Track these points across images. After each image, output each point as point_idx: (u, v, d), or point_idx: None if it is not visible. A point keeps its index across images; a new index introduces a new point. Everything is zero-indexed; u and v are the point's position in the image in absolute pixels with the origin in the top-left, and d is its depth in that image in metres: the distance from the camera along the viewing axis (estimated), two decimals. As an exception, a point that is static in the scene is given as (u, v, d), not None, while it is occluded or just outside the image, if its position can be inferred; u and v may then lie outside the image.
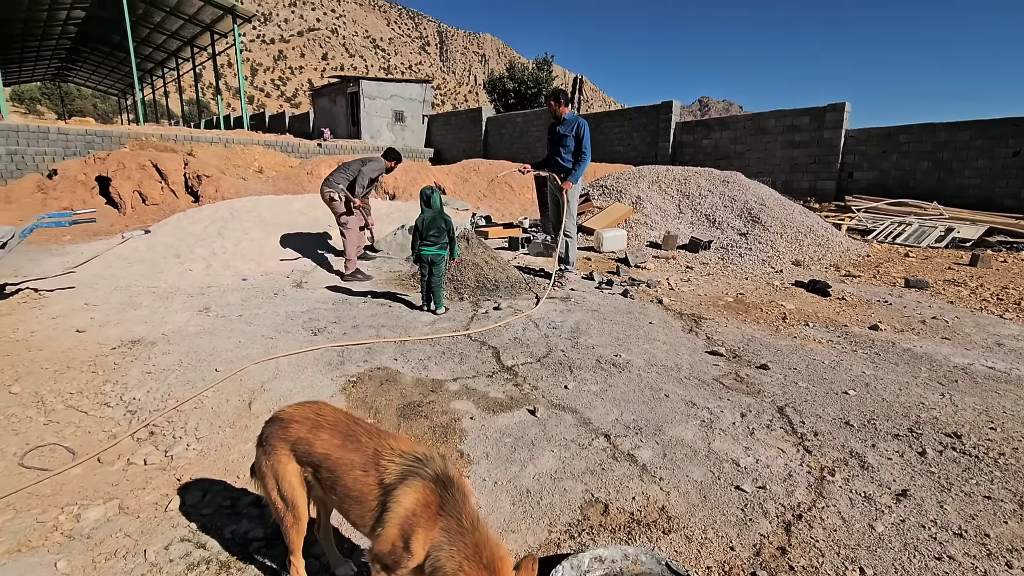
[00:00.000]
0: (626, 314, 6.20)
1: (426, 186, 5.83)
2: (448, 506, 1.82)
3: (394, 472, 1.91)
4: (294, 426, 2.13)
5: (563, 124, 7.26)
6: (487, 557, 1.74)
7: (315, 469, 2.06)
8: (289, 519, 2.12)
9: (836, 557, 2.49)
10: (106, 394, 4.02)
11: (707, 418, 3.76)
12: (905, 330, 5.96)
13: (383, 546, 1.85)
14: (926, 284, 7.91)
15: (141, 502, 2.85)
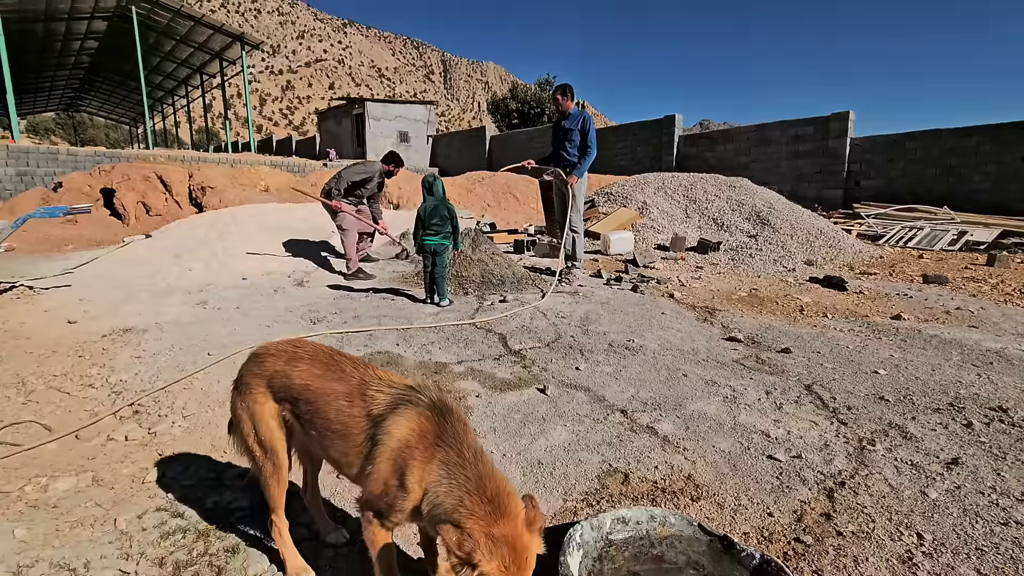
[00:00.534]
0: (637, 306, 5.97)
1: (428, 173, 5.68)
2: (446, 436, 1.57)
3: (383, 402, 1.67)
4: (269, 360, 1.89)
5: (568, 119, 7.15)
6: (491, 490, 1.48)
7: (293, 404, 1.81)
8: (269, 468, 1.87)
9: (888, 523, 2.21)
10: (91, 376, 3.81)
11: (730, 395, 3.50)
12: (930, 320, 5.69)
13: (374, 487, 1.60)
14: (945, 279, 7.65)
15: (117, 475, 2.61)
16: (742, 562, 1.82)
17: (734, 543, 1.87)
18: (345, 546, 2.11)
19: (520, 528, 1.46)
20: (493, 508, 1.46)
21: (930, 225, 12.59)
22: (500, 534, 1.42)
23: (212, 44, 33.21)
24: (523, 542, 1.45)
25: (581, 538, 1.88)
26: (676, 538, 1.96)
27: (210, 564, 1.99)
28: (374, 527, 1.64)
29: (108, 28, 33.37)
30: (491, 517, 1.44)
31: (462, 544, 1.38)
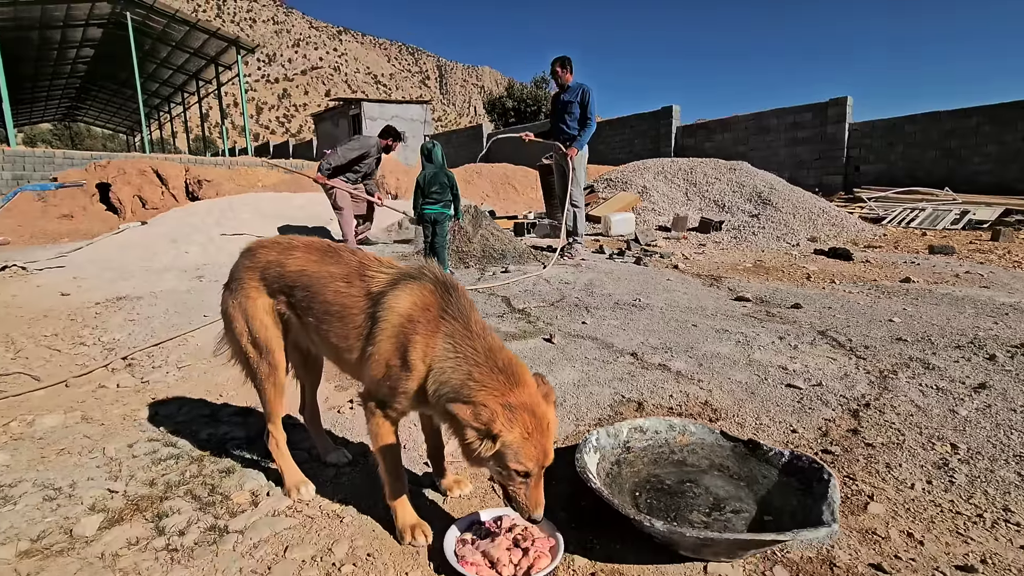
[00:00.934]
0: (641, 275, 5.87)
1: (426, 140, 5.58)
2: (451, 309, 1.46)
3: (383, 280, 1.56)
4: (262, 251, 1.78)
5: (567, 91, 6.97)
6: (503, 361, 1.39)
7: (289, 294, 1.69)
8: (264, 369, 1.75)
9: (919, 436, 2.10)
10: (83, 337, 3.69)
11: (742, 339, 3.40)
12: (939, 282, 5.59)
13: (376, 370, 1.49)
14: (952, 249, 7.56)
15: (108, 414, 2.50)
16: (770, 461, 1.71)
17: (760, 444, 1.76)
18: (347, 466, 1.99)
19: (537, 396, 1.36)
20: (506, 378, 1.36)
21: (932, 206, 12.51)
22: (517, 402, 1.33)
23: (207, 49, 33.17)
24: (542, 409, 1.35)
25: (598, 442, 1.77)
26: (697, 445, 1.85)
27: (204, 483, 1.87)
28: (377, 418, 1.53)
29: (103, 35, 33.35)
30: (505, 387, 1.35)
31: (478, 415, 1.28)
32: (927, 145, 14.88)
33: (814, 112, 16.83)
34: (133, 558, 1.48)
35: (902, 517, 1.63)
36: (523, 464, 1.33)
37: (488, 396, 1.33)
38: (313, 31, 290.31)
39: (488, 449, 1.31)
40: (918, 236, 10.39)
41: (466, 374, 1.37)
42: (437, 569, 1.44)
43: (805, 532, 1.27)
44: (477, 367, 1.37)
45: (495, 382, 1.35)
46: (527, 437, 1.31)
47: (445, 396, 1.39)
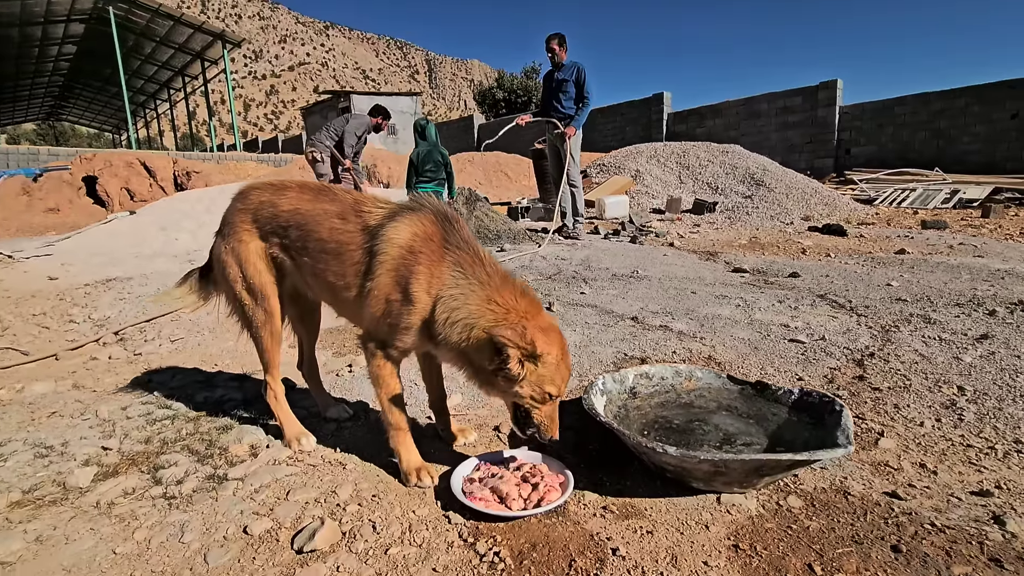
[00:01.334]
0: (637, 251, 5.85)
1: (419, 117, 5.51)
2: (456, 239, 1.42)
3: (380, 214, 1.51)
4: (254, 193, 1.71)
5: (562, 69, 6.76)
6: (521, 286, 1.38)
7: (282, 235, 1.63)
8: (260, 316, 1.69)
9: (925, 380, 2.09)
10: (72, 315, 3.62)
11: (742, 303, 3.38)
12: (933, 253, 5.60)
13: (375, 307, 1.44)
14: (945, 224, 7.60)
15: (100, 382, 2.44)
16: (779, 400, 1.68)
17: (768, 385, 1.74)
18: (348, 421, 1.95)
19: (555, 321, 1.36)
20: (529, 302, 1.37)
21: (922, 186, 12.57)
22: (547, 324, 1.35)
23: (193, 44, 32.68)
24: (562, 335, 1.36)
25: (604, 386, 1.74)
26: (704, 389, 1.82)
27: (201, 439, 1.82)
28: (378, 359, 1.49)
29: (86, 31, 32.77)
30: (533, 309, 1.36)
31: (523, 335, 1.27)
32: (917, 126, 14.94)
33: (804, 96, 16.84)
34: (129, 506, 1.43)
35: (913, 451, 1.61)
36: (557, 385, 1.36)
37: (519, 318, 1.32)
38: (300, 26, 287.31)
39: (531, 371, 1.31)
40: (910, 215, 10.44)
41: (485, 299, 1.35)
42: (445, 507, 1.40)
43: (822, 452, 1.24)
44: (497, 291, 1.35)
45: (521, 305, 1.35)
46: (562, 358, 1.34)
47: (460, 325, 1.35)
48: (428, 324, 1.40)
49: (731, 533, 1.27)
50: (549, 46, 6.72)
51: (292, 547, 1.24)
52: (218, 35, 31.60)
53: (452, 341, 1.37)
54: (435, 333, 1.39)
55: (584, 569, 1.16)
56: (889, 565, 1.15)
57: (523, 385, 1.33)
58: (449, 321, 1.36)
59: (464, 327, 1.35)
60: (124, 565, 1.20)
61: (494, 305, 1.34)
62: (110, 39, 28.88)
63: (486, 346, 1.32)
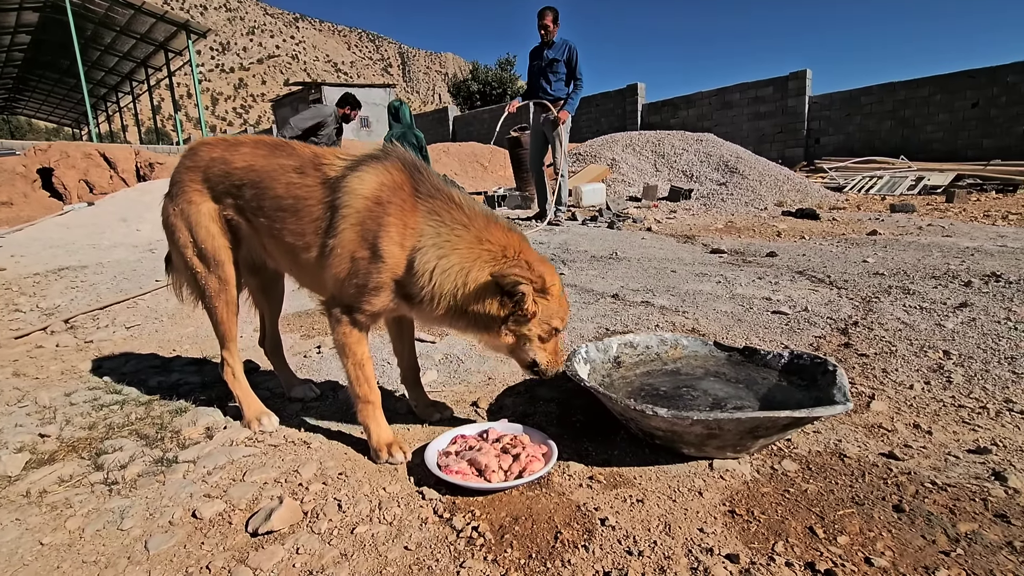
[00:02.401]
0: (615, 236, 5.79)
1: (393, 99, 5.32)
2: (426, 186, 1.30)
3: (341, 165, 1.38)
4: (204, 149, 1.56)
5: (552, 47, 6.19)
6: (506, 224, 1.31)
7: (236, 195, 1.49)
8: (214, 285, 1.55)
9: (910, 345, 2.05)
10: (18, 304, 3.38)
11: (722, 280, 3.33)
12: (904, 234, 5.68)
13: (338, 267, 1.31)
14: (913, 207, 7.75)
15: (44, 369, 2.25)
16: (768, 364, 1.61)
17: (757, 350, 1.67)
18: (314, 401, 1.82)
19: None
20: (520, 237, 1.28)
21: (889, 174, 12.86)
22: (540, 256, 1.30)
23: (155, 34, 31.46)
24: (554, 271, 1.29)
25: (587, 355, 1.65)
26: (691, 357, 1.74)
27: (152, 423, 1.67)
28: (344, 326, 1.36)
29: (41, 20, 31.30)
30: (524, 245, 1.29)
31: (532, 268, 1.22)
32: (883, 116, 15.27)
33: (775, 86, 17.06)
34: (64, 493, 1.28)
35: (906, 412, 1.56)
36: (562, 318, 1.33)
37: (518, 253, 1.26)
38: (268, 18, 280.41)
39: (544, 304, 1.27)
40: (878, 200, 10.66)
41: (475, 240, 1.25)
42: (418, 483, 1.29)
43: (821, 409, 1.17)
44: (486, 230, 1.27)
45: (515, 241, 1.28)
46: (563, 292, 1.32)
47: (455, 271, 1.24)
48: (403, 282, 1.27)
49: (726, 499, 1.19)
50: (542, 22, 6.13)
51: (247, 530, 1.12)
52: (182, 25, 30.51)
53: (443, 292, 1.24)
54: (415, 291, 1.26)
55: (571, 541, 1.06)
56: (893, 525, 1.08)
57: (533, 324, 1.29)
58: (438, 270, 1.23)
59: (458, 273, 1.24)
60: (51, 556, 1.06)
61: (487, 244, 1.25)
62: (67, 28, 27.63)
63: (489, 290, 1.23)
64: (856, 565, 0.97)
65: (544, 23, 6.08)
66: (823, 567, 0.96)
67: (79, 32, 29.35)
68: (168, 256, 1.77)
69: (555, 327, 1.32)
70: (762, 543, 1.04)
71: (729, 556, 1.00)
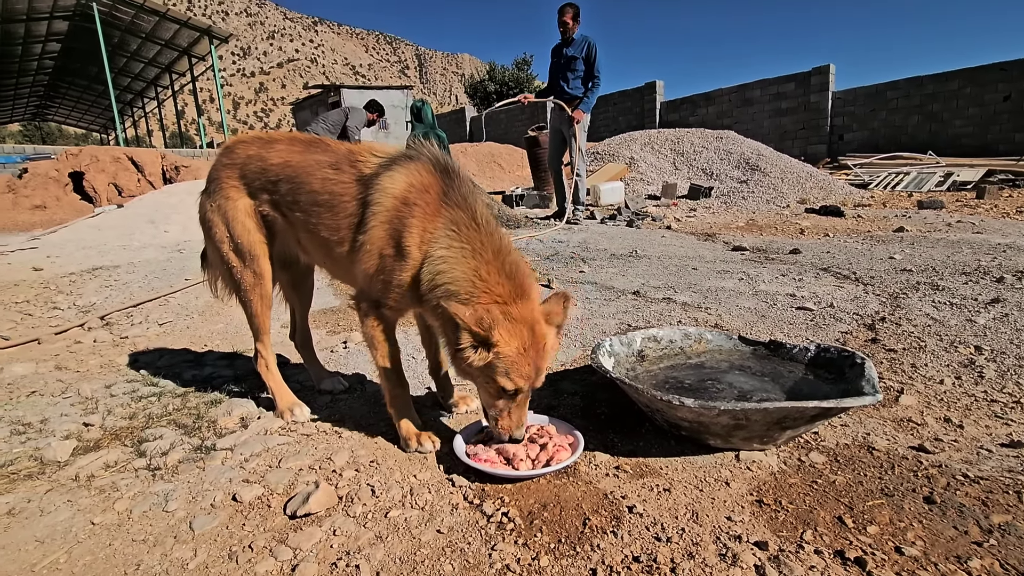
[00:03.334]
0: (634, 234, 5.77)
1: (415, 100, 5.39)
2: (455, 195, 1.31)
3: (376, 163, 1.40)
4: (241, 147, 1.61)
5: (572, 45, 6.17)
6: (510, 266, 1.24)
7: (272, 190, 1.53)
8: (249, 278, 1.60)
9: (940, 341, 2.02)
10: (56, 303, 3.50)
11: (745, 277, 3.31)
12: (932, 230, 5.56)
13: (368, 262, 1.34)
14: (941, 204, 7.57)
15: (84, 363, 2.34)
16: (794, 358, 1.61)
17: (783, 343, 1.66)
18: (343, 393, 1.86)
19: (538, 312, 1.23)
20: (513, 286, 1.22)
21: (916, 170, 12.57)
22: (519, 315, 1.20)
23: (179, 40, 32.19)
24: (541, 328, 1.21)
25: (611, 348, 1.66)
26: (715, 351, 1.75)
27: (189, 413, 1.73)
28: (372, 320, 1.40)
29: (70, 28, 32.22)
30: (511, 295, 1.21)
31: (480, 320, 1.15)
32: (909, 110, 14.93)
33: (797, 82, 16.80)
34: (110, 478, 1.34)
35: (936, 406, 1.55)
36: (513, 381, 1.21)
37: (492, 300, 1.21)
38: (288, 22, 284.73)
39: (481, 359, 1.19)
40: (905, 197, 10.43)
41: (472, 270, 1.23)
42: (448, 471, 1.32)
43: (850, 400, 1.17)
44: (485, 265, 1.23)
45: (501, 287, 1.22)
46: (523, 353, 1.19)
47: (441, 290, 1.24)
48: (417, 282, 1.30)
49: (753, 489, 1.19)
50: (562, 19, 6.10)
51: (285, 512, 1.16)
52: (204, 31, 31.14)
53: (432, 305, 1.27)
54: (420, 293, 1.29)
55: (599, 527, 1.08)
56: (924, 516, 1.08)
57: (477, 373, 1.23)
58: (432, 284, 1.25)
59: (443, 292, 1.24)
60: (102, 535, 1.11)
61: (478, 279, 1.22)
62: (95, 36, 28.36)
63: (452, 320, 1.20)
64: (887, 554, 0.97)
65: (563, 20, 6.05)
66: (853, 555, 0.96)
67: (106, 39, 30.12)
68: (204, 252, 1.83)
69: (502, 386, 1.22)
70: (790, 531, 1.05)
71: (757, 543, 1.01)
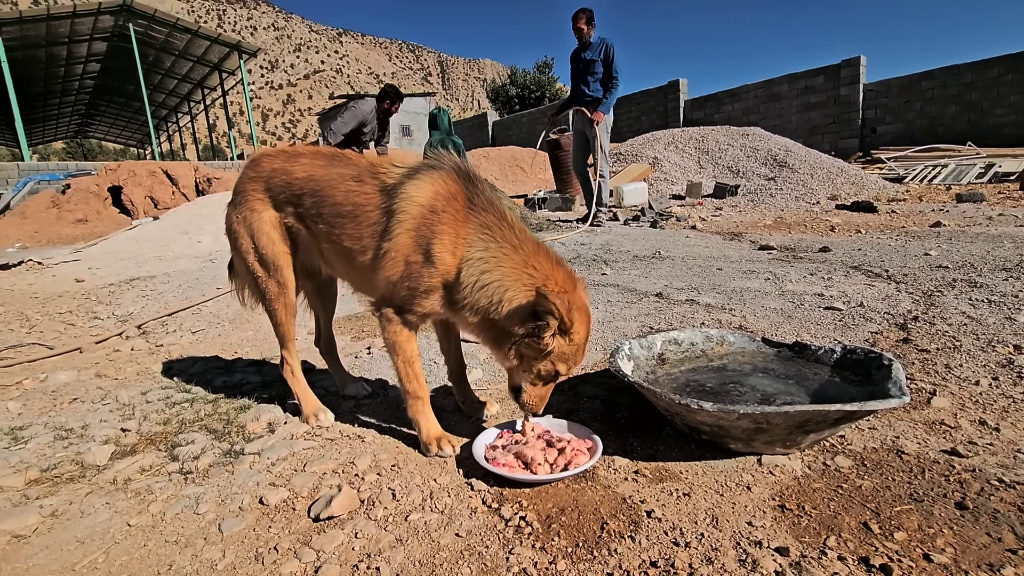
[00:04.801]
0: (658, 235, 5.71)
1: (433, 107, 5.44)
2: (480, 200, 1.35)
3: (398, 173, 1.44)
4: (266, 161, 1.66)
5: (589, 49, 6.29)
6: (555, 257, 1.32)
7: (296, 203, 1.58)
8: (273, 288, 1.65)
9: (976, 340, 1.95)
10: (97, 312, 3.66)
11: (771, 277, 3.24)
12: (971, 225, 5.35)
13: (392, 270, 1.38)
14: (981, 197, 7.27)
15: (122, 371, 2.44)
16: (820, 359, 1.57)
17: (807, 345, 1.63)
18: (367, 398, 1.90)
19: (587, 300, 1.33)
20: (566, 273, 1.30)
21: (954, 161, 12.11)
22: (580, 303, 1.29)
23: (210, 56, 33.28)
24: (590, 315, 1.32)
25: (630, 351, 1.66)
26: (738, 353, 1.72)
27: (219, 419, 1.79)
28: (395, 325, 1.42)
29: (108, 48, 33.61)
30: (570, 282, 1.30)
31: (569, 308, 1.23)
32: (946, 100, 14.41)
33: (826, 75, 16.39)
34: (146, 481, 1.40)
35: (970, 409, 1.49)
36: (569, 366, 1.32)
37: (560, 289, 1.27)
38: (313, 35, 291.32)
39: (559, 345, 1.27)
40: (943, 191, 10.06)
41: (520, 264, 1.29)
42: (467, 475, 1.34)
43: (875, 402, 1.14)
44: (533, 257, 1.30)
45: (558, 275, 1.29)
46: (586, 341, 1.31)
47: (493, 287, 1.29)
48: (449, 287, 1.34)
49: (776, 494, 1.17)
50: (576, 25, 6.22)
51: (309, 515, 1.19)
52: (234, 46, 32.11)
53: (479, 306, 1.31)
54: (457, 297, 1.33)
55: (617, 531, 1.08)
56: (955, 522, 1.04)
57: (544, 359, 1.30)
58: (478, 284, 1.30)
59: (496, 290, 1.29)
60: (138, 536, 1.16)
61: (531, 270, 1.28)
62: (132, 55, 29.54)
63: (520, 311, 1.27)
64: (914, 561, 0.94)
65: (578, 26, 6.16)
66: (878, 562, 0.94)
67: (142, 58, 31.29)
68: (231, 263, 1.89)
69: (559, 370, 1.32)
70: (813, 537, 1.02)
71: (779, 549, 0.99)
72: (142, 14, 27.32)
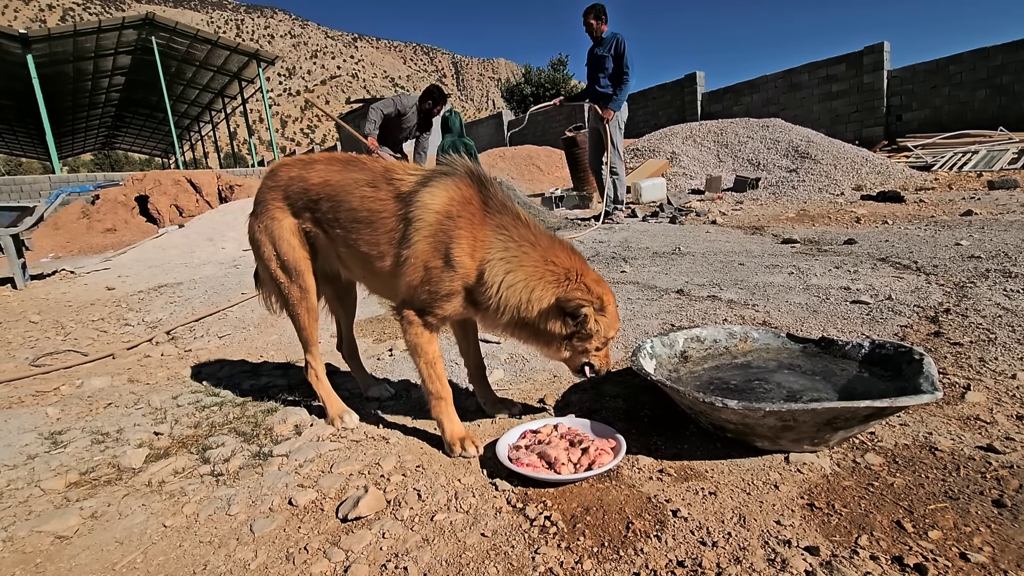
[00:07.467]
0: (678, 231, 5.66)
1: (446, 109, 5.46)
2: (495, 203, 1.37)
3: (412, 180, 1.47)
4: (283, 170, 1.71)
5: (601, 45, 6.29)
6: (568, 245, 1.37)
7: (314, 208, 1.61)
8: (295, 293, 1.68)
9: (1012, 332, 1.89)
10: (127, 319, 3.76)
11: (795, 271, 3.18)
12: (1005, 213, 5.18)
13: (412, 276, 1.40)
14: (1015, 183, 7.03)
15: (153, 376, 2.51)
16: (847, 355, 1.54)
17: (835, 340, 1.60)
18: (390, 400, 1.92)
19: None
20: (579, 260, 1.36)
21: (985, 147, 11.73)
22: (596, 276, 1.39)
23: (230, 65, 33.97)
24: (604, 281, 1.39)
25: (652, 350, 1.64)
26: (762, 350, 1.70)
27: (247, 422, 1.83)
28: (416, 328, 1.44)
29: (132, 61, 34.52)
30: (584, 266, 1.37)
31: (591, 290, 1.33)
32: (975, 84, 13.97)
33: (848, 63, 16.02)
34: (179, 483, 1.44)
35: (1007, 403, 1.45)
36: (615, 328, 1.44)
37: (579, 276, 1.35)
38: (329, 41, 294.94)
39: (601, 321, 1.37)
40: (973, 178, 9.77)
41: (540, 259, 1.34)
42: (491, 475, 1.34)
43: (906, 398, 1.11)
44: (550, 251, 1.35)
45: (574, 263, 1.35)
46: (616, 307, 1.43)
47: (520, 286, 1.34)
48: (472, 290, 1.36)
49: (804, 492, 1.16)
50: (587, 21, 6.23)
51: (337, 516, 1.21)
52: (252, 55, 32.70)
53: (508, 304, 1.36)
54: (483, 299, 1.37)
55: (643, 531, 1.07)
56: (992, 520, 1.02)
57: (594, 339, 1.39)
58: (505, 284, 1.33)
59: (523, 289, 1.34)
60: (173, 537, 1.19)
61: (551, 264, 1.34)
62: (154, 67, 30.28)
63: (552, 311, 1.34)
64: (950, 560, 0.92)
65: (588, 22, 6.16)
66: (912, 561, 0.92)
67: (164, 69, 32.02)
68: (256, 271, 1.93)
69: (609, 337, 1.44)
70: (844, 536, 1.01)
71: (808, 548, 0.98)
72: (164, 27, 28.03)
